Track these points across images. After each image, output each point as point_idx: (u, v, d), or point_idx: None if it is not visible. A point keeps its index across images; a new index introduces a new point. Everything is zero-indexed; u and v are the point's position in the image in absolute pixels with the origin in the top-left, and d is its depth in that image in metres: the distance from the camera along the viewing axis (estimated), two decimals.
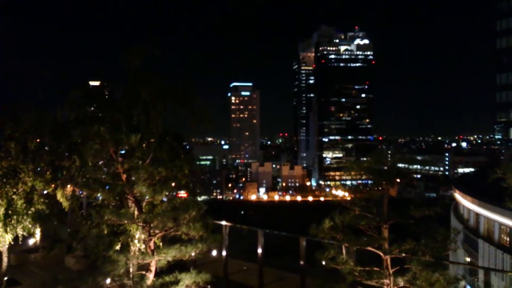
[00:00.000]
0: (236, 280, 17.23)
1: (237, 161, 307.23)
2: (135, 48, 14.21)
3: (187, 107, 15.16)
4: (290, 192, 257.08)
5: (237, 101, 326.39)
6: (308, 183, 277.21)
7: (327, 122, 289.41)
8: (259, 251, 16.19)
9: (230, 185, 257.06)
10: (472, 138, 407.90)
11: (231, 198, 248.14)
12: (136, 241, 13.34)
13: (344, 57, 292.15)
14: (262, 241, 16.20)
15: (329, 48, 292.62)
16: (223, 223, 16.82)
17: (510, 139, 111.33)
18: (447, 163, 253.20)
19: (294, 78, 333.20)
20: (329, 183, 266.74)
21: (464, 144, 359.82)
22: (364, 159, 13.72)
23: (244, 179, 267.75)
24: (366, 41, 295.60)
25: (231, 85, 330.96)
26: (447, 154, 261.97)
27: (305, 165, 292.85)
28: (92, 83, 16.96)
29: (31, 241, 21.69)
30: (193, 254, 12.46)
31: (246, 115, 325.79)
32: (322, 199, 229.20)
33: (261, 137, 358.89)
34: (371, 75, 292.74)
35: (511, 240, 40.14)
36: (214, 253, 16.65)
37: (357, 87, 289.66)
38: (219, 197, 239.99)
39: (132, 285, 12.48)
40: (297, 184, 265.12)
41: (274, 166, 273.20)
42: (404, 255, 10.80)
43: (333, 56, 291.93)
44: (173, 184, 13.62)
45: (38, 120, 18.87)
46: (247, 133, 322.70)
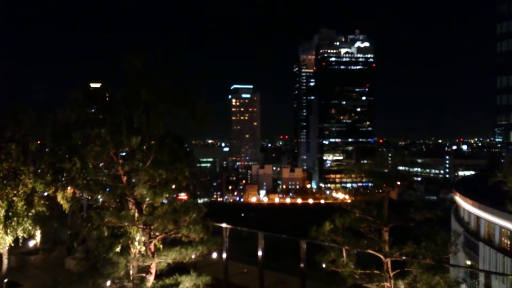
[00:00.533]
0: (236, 282, 17.20)
1: (238, 163, 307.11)
2: (136, 50, 14.22)
3: (187, 108, 15.15)
4: (291, 194, 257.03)
5: (238, 104, 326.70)
6: (309, 186, 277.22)
7: (328, 125, 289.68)
8: (260, 253, 16.17)
9: (230, 187, 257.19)
10: (472, 141, 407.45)
11: (232, 200, 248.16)
12: (136, 243, 13.32)
13: (344, 59, 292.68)
14: (263, 244, 16.18)
15: (329, 51, 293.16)
16: (224, 225, 16.81)
17: (511, 142, 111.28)
18: (447, 166, 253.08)
19: (295, 80, 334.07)
20: (329, 185, 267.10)
21: (464, 147, 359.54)
22: (364, 161, 13.73)
23: (244, 181, 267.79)
24: (367, 43, 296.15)
25: (232, 88, 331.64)
26: (447, 157, 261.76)
27: (305, 167, 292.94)
28: (93, 85, 16.96)
29: (31, 243, 21.67)
30: (193, 256, 12.45)
31: (247, 118, 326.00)
32: (322, 201, 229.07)
33: (262, 139, 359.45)
34: (371, 77, 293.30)
35: (511, 243, 40.07)
36: (215, 255, 16.63)
37: (357, 89, 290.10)
38: (219, 199, 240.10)
39: (132, 287, 12.47)
40: (298, 187, 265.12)
41: (275, 168, 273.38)
42: (404, 258, 10.79)
43: (333, 59, 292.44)
44: (174, 186, 13.59)
45: (38, 121, 18.88)
46: (248, 136, 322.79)
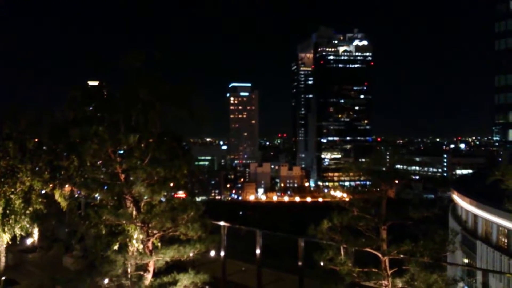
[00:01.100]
0: (235, 280, 17.20)
1: (236, 161, 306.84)
2: (134, 50, 14.19)
3: (185, 107, 15.14)
4: (289, 192, 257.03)
5: (236, 102, 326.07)
6: (307, 184, 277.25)
7: (326, 123, 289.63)
8: (258, 251, 16.18)
9: (228, 185, 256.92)
10: (470, 140, 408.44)
11: (230, 198, 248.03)
12: (134, 241, 13.31)
13: (343, 58, 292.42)
14: (261, 242, 16.19)
15: (328, 49, 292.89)
16: (222, 223, 16.81)
17: (508, 140, 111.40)
18: (445, 164, 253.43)
19: (293, 79, 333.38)
20: (327, 184, 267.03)
21: (462, 146, 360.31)
22: (362, 160, 13.74)
23: (242, 179, 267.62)
24: (365, 42, 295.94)
25: (230, 86, 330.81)
26: (445, 156, 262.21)
27: (303, 166, 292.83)
28: (91, 83, 16.92)
29: (29, 241, 21.67)
30: (191, 254, 12.45)
31: (245, 116, 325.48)
32: (320, 200, 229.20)
33: (260, 137, 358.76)
34: (370, 76, 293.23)
35: (509, 242, 40.16)
36: (213, 253, 16.65)
37: (355, 88, 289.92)
38: (217, 197, 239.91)
39: (130, 285, 12.46)
40: (296, 185, 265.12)
41: (273, 166, 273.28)
42: (402, 256, 10.80)
43: (332, 57, 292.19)
44: (172, 184, 13.59)
45: (36, 120, 18.84)
46: (246, 134, 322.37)
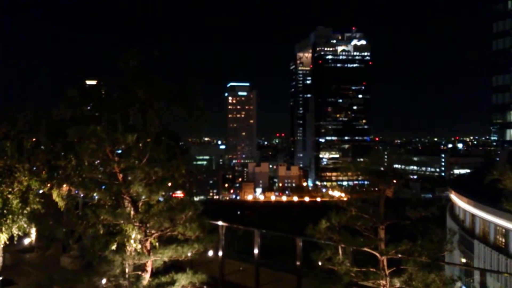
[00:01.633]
0: (233, 280, 17.20)
1: (234, 161, 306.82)
2: (132, 49, 14.16)
3: (183, 107, 15.12)
4: (287, 192, 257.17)
5: (234, 101, 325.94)
6: (305, 184, 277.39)
7: (324, 123, 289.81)
8: (256, 251, 16.18)
9: (226, 185, 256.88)
10: (468, 139, 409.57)
11: (228, 198, 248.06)
12: (132, 241, 13.29)
13: (341, 57, 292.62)
14: (259, 242, 16.19)
15: (326, 49, 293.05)
16: (220, 223, 16.80)
17: (506, 140, 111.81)
18: (443, 164, 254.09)
19: (291, 78, 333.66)
20: (325, 183, 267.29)
21: (460, 145, 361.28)
22: (360, 159, 13.74)
23: (240, 179, 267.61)
24: (363, 42, 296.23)
25: (228, 85, 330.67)
26: (443, 155, 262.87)
27: (301, 165, 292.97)
28: (89, 82, 16.88)
29: (26, 241, 21.61)
30: (189, 254, 12.43)
31: (243, 115, 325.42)
32: (318, 199, 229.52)
33: (258, 137, 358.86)
34: (368, 76, 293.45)
35: (506, 241, 40.29)
36: (211, 253, 16.64)
37: (354, 87, 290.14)
38: (215, 197, 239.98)
39: (128, 285, 12.44)
40: (294, 185, 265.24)
41: (271, 166, 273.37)
42: (400, 256, 10.81)
43: (330, 57, 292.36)
44: (170, 184, 13.57)
45: (33, 119, 18.76)
46: (244, 133, 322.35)
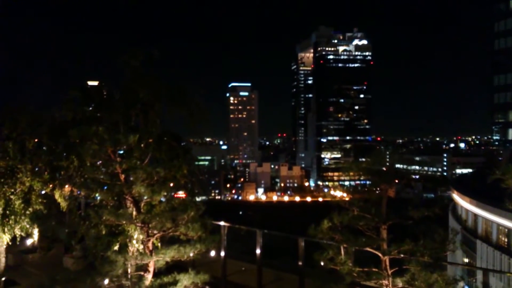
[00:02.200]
0: (235, 280, 17.19)
1: (236, 161, 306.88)
2: (133, 50, 14.19)
3: (184, 107, 15.14)
4: (289, 192, 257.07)
5: (236, 102, 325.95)
6: (307, 184, 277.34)
7: (326, 123, 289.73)
8: (258, 251, 16.17)
9: (228, 185, 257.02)
10: (470, 139, 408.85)
11: (230, 198, 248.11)
12: (134, 241, 13.29)
13: (342, 57, 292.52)
14: (261, 242, 16.18)
15: (327, 49, 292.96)
16: (222, 223, 16.79)
17: (508, 140, 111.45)
18: (445, 163, 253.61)
19: (293, 78, 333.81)
20: (327, 183, 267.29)
21: (462, 145, 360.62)
22: (362, 159, 13.72)
23: (242, 179, 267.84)
24: (365, 41, 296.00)
25: (230, 86, 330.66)
26: (445, 155, 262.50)
27: (303, 165, 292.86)
28: (91, 83, 16.92)
29: (29, 242, 21.63)
30: (191, 254, 12.43)
31: (245, 116, 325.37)
32: (320, 199, 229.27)
33: (260, 137, 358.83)
34: (369, 75, 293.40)
35: (509, 241, 40.20)
36: (213, 253, 16.62)
37: (355, 87, 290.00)
38: (217, 197, 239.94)
39: (130, 285, 12.44)
40: (296, 185, 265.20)
41: (273, 166, 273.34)
42: (402, 255, 10.80)
43: (331, 57, 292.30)
44: (172, 185, 13.58)
45: (36, 120, 18.80)
46: (246, 134, 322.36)
